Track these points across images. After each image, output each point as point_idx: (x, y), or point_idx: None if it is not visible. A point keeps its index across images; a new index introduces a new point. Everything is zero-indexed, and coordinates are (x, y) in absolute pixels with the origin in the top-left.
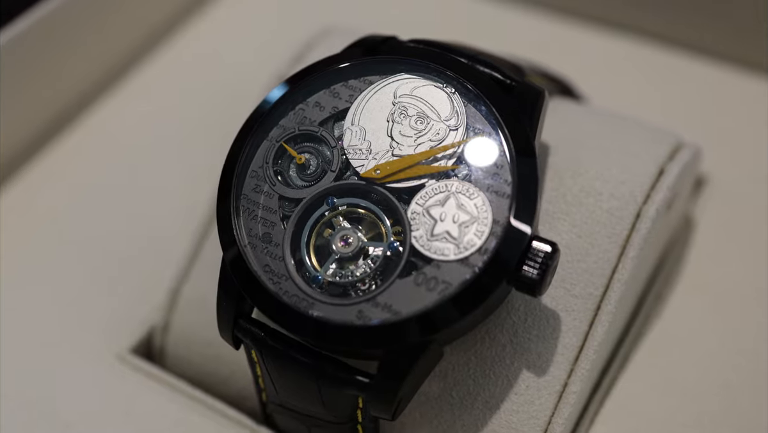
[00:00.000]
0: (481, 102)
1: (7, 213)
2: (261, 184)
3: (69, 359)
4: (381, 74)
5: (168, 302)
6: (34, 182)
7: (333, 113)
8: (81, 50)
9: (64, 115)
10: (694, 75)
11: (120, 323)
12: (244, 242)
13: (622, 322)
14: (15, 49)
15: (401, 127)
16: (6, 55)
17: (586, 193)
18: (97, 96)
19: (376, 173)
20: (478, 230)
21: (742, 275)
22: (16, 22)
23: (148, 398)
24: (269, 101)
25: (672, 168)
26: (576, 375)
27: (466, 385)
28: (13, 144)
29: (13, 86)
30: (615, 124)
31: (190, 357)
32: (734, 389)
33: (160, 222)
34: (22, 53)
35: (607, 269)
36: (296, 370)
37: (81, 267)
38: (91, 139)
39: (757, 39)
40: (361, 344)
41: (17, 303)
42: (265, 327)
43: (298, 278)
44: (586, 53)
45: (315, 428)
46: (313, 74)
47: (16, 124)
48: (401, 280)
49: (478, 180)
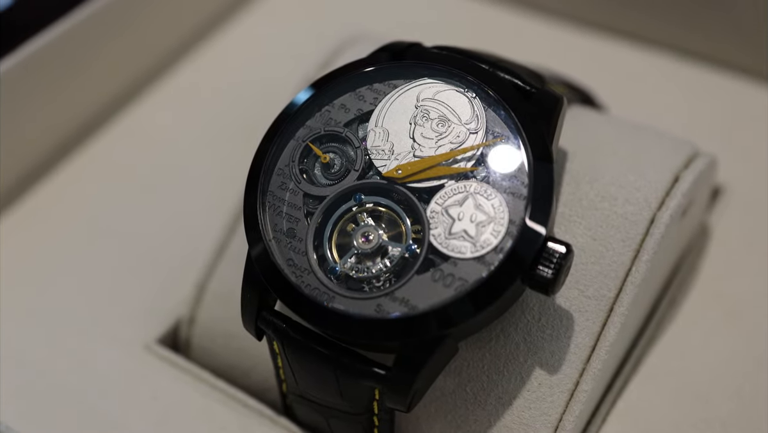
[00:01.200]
0: (501, 107)
1: (47, 205)
2: (287, 181)
3: (98, 346)
4: (405, 78)
5: (195, 295)
6: (72, 177)
7: (358, 115)
8: (121, 51)
9: (103, 114)
10: (714, 86)
11: (148, 314)
12: (269, 236)
13: (635, 324)
14: (58, 47)
15: (423, 129)
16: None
17: (601, 198)
18: (134, 96)
19: (397, 173)
20: (494, 229)
21: (757, 284)
22: (59, 20)
23: (173, 386)
24: (297, 103)
25: (687, 176)
26: (588, 374)
27: (480, 381)
28: (55, 138)
29: (57, 82)
30: (632, 133)
31: (215, 349)
32: (745, 397)
33: (189, 218)
34: (62, 50)
35: (621, 272)
36: (316, 361)
37: (113, 260)
38: (127, 138)
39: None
40: (379, 337)
41: (53, 292)
42: (287, 319)
43: (319, 272)
44: (609, 64)
45: (333, 419)
46: (339, 77)
47: (60, 118)
48: (419, 276)
49: (495, 182)
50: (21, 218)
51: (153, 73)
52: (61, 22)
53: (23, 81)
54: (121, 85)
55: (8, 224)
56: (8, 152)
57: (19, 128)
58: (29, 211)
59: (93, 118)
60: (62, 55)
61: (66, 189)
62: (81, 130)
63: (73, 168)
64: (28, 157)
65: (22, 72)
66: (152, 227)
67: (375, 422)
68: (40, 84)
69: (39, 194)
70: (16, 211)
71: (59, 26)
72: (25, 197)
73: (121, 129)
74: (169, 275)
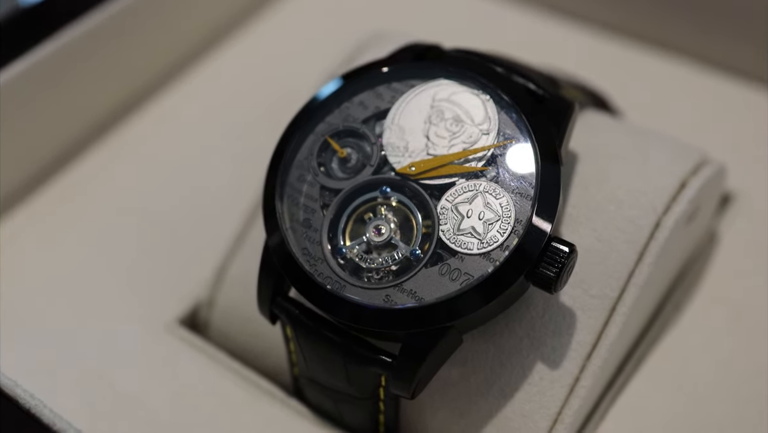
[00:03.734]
0: (513, 110)
1: (75, 189)
2: (305, 174)
3: (120, 325)
4: (422, 79)
5: (214, 279)
6: (100, 163)
7: (375, 112)
8: (150, 44)
9: (131, 103)
10: (730, 94)
11: (170, 295)
12: (286, 225)
13: (638, 325)
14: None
15: (437, 128)
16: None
17: (608, 201)
18: (162, 87)
19: (411, 170)
20: (501, 227)
21: (762, 291)
22: (91, 10)
23: (190, 366)
24: (317, 99)
25: (693, 182)
26: (588, 371)
27: (484, 373)
28: (84, 124)
29: (88, 71)
30: (643, 138)
31: (232, 331)
32: (743, 401)
33: (212, 205)
34: (94, 41)
35: (624, 273)
36: (325, 347)
37: (137, 243)
38: (156, 124)
39: None
40: (386, 326)
41: (78, 271)
42: (300, 306)
43: (333, 261)
44: (625, 68)
45: (340, 403)
46: (359, 75)
47: (90, 105)
48: (427, 269)
49: (504, 182)
50: (49, 200)
51: (180, 66)
52: (93, 12)
53: (57, 69)
54: (150, 76)
55: (36, 206)
56: (38, 136)
57: (49, 113)
58: (57, 194)
59: (122, 106)
60: (94, 45)
61: (93, 174)
62: (110, 118)
63: (100, 154)
64: (58, 142)
65: (55, 60)
66: (176, 213)
67: (381, 408)
68: (74, 71)
69: (67, 179)
70: (44, 194)
71: (92, 16)
72: (54, 181)
73: (149, 118)
74: (191, 259)
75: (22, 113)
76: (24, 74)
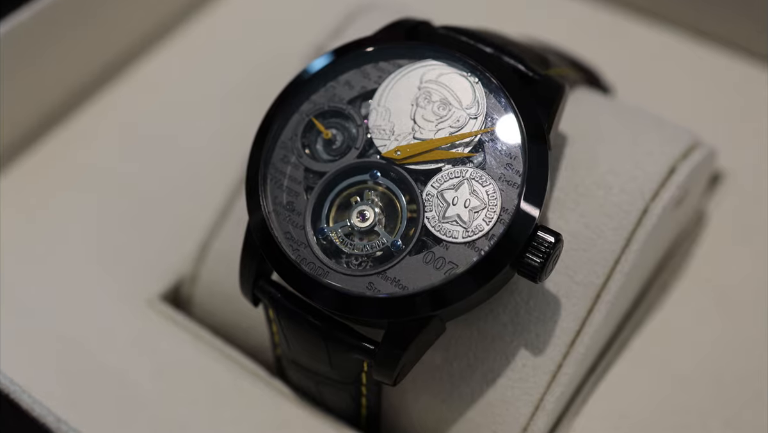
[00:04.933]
0: (502, 93)
1: (52, 160)
2: (289, 155)
3: (101, 300)
4: (410, 59)
5: (197, 254)
6: (78, 133)
7: (361, 92)
8: (132, 6)
9: (111, 70)
10: (725, 69)
11: (152, 270)
12: (269, 208)
13: (623, 310)
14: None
15: (424, 111)
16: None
17: (597, 185)
18: (144, 52)
19: (396, 154)
20: (486, 216)
21: (748, 271)
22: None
23: (172, 342)
24: (303, 76)
25: (683, 167)
26: (570, 358)
27: (467, 358)
28: (61, 93)
29: (67, 35)
30: (634, 120)
31: (215, 308)
32: (725, 384)
33: (196, 178)
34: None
35: (610, 260)
36: (308, 331)
37: (118, 216)
38: (134, 94)
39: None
40: (369, 314)
41: (58, 246)
42: (283, 289)
43: (316, 246)
44: (619, 40)
45: (322, 385)
46: (346, 53)
47: (68, 73)
48: (411, 257)
49: (491, 168)
50: (26, 172)
51: (163, 30)
52: None
53: (35, 32)
54: (131, 40)
55: (13, 178)
56: (14, 106)
57: (26, 81)
58: (34, 166)
59: (100, 73)
60: (73, 9)
61: (72, 145)
62: (88, 85)
63: (79, 124)
64: (34, 111)
65: (34, 23)
66: (159, 186)
67: (363, 392)
68: (50, 35)
69: (44, 149)
70: (20, 166)
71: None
72: (30, 152)
73: (129, 86)
74: (174, 233)
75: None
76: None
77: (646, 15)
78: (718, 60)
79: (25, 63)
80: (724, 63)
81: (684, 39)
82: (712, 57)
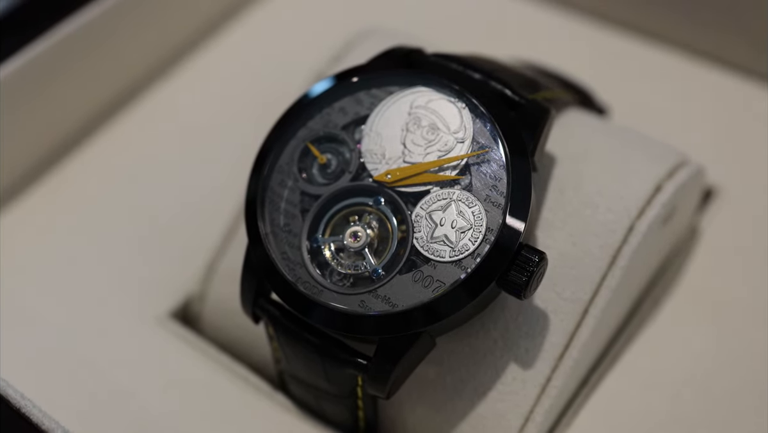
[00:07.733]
0: (487, 119)
1: (68, 183)
2: (286, 179)
3: (112, 317)
4: (400, 86)
5: (205, 273)
6: (93, 157)
7: (354, 118)
8: (141, 39)
9: (123, 97)
10: (717, 86)
11: (162, 289)
12: (267, 230)
13: (612, 325)
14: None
15: (414, 136)
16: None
17: (585, 205)
18: (154, 81)
19: (387, 177)
20: (472, 236)
21: (741, 287)
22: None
23: (181, 358)
24: (299, 103)
25: (668, 186)
26: (559, 371)
27: (459, 372)
28: (76, 118)
29: (81, 63)
30: (622, 139)
31: (222, 325)
32: (715, 398)
33: (204, 201)
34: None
35: (597, 277)
36: (305, 348)
37: (129, 236)
38: (145, 120)
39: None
40: (361, 331)
41: (71, 265)
42: (281, 307)
43: (311, 266)
44: (612, 57)
45: (321, 400)
46: (341, 81)
47: (82, 98)
48: (401, 276)
49: (477, 190)
50: (40, 195)
51: (171, 61)
52: (89, 5)
53: (52, 62)
54: (141, 72)
55: (27, 200)
56: (29, 132)
57: (42, 108)
58: (48, 189)
59: (114, 99)
60: (86, 38)
61: (86, 171)
62: (102, 112)
63: (92, 151)
64: (50, 136)
65: (50, 53)
66: (168, 209)
67: (359, 405)
68: (65, 65)
69: (61, 173)
70: (37, 191)
71: (86, 8)
72: (47, 176)
73: (140, 115)
74: (183, 254)
75: (15, 111)
76: (17, 72)
77: (639, 33)
78: (712, 78)
79: (39, 89)
80: (718, 81)
81: (677, 56)
82: (707, 75)
